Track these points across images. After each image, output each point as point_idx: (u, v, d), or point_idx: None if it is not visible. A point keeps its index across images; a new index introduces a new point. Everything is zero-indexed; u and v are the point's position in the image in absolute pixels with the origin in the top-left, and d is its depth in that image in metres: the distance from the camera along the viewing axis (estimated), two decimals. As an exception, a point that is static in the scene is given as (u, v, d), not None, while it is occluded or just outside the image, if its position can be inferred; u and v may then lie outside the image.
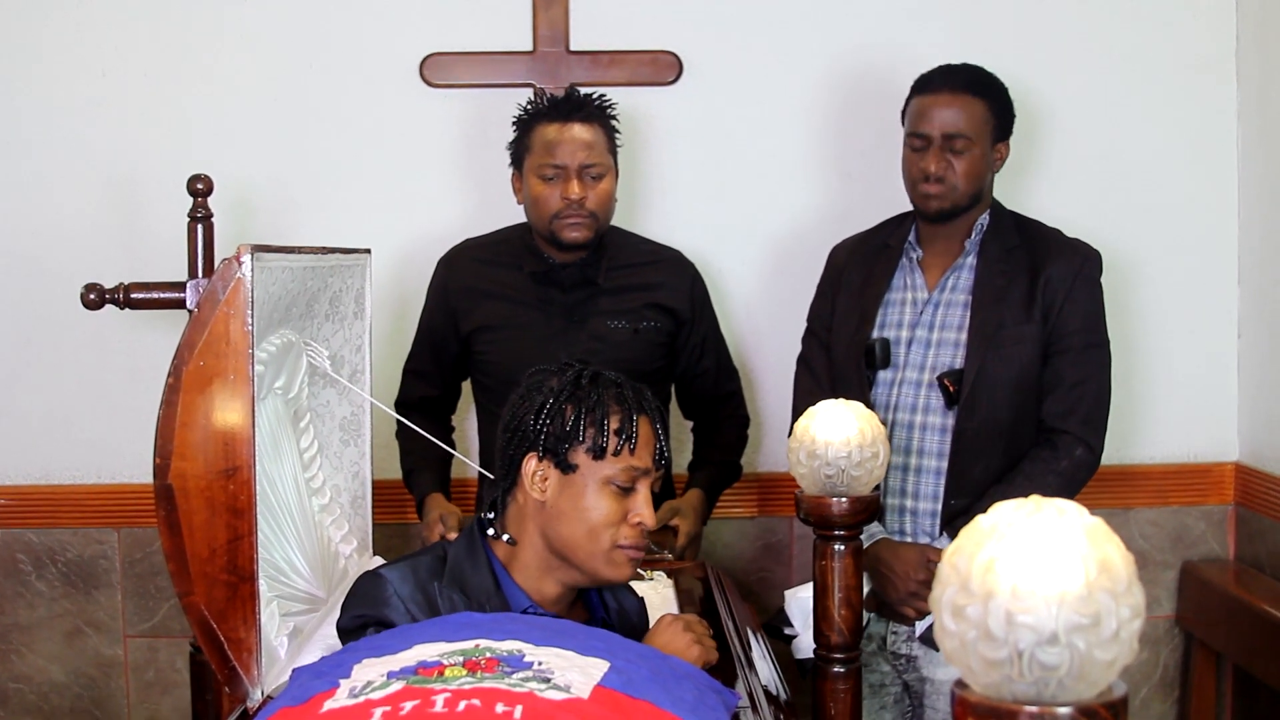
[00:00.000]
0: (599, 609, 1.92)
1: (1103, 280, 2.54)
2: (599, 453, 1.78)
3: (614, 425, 1.78)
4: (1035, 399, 2.48)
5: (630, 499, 1.80)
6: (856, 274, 2.62)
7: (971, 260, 2.52)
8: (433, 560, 1.85)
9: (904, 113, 2.57)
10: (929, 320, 2.51)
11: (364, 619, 1.77)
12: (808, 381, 2.64)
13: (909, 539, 2.47)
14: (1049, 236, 2.56)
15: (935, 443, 2.46)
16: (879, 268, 2.59)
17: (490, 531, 1.86)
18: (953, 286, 2.52)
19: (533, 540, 1.82)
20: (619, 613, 1.91)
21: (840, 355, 2.57)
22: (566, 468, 1.79)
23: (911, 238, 2.58)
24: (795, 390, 2.68)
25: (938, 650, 2.40)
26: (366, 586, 1.81)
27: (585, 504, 1.78)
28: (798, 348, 2.71)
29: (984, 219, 2.55)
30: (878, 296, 2.56)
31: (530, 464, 1.81)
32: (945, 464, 2.45)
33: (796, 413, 2.65)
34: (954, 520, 2.43)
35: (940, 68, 2.56)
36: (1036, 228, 2.58)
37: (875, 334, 2.53)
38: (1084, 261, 2.51)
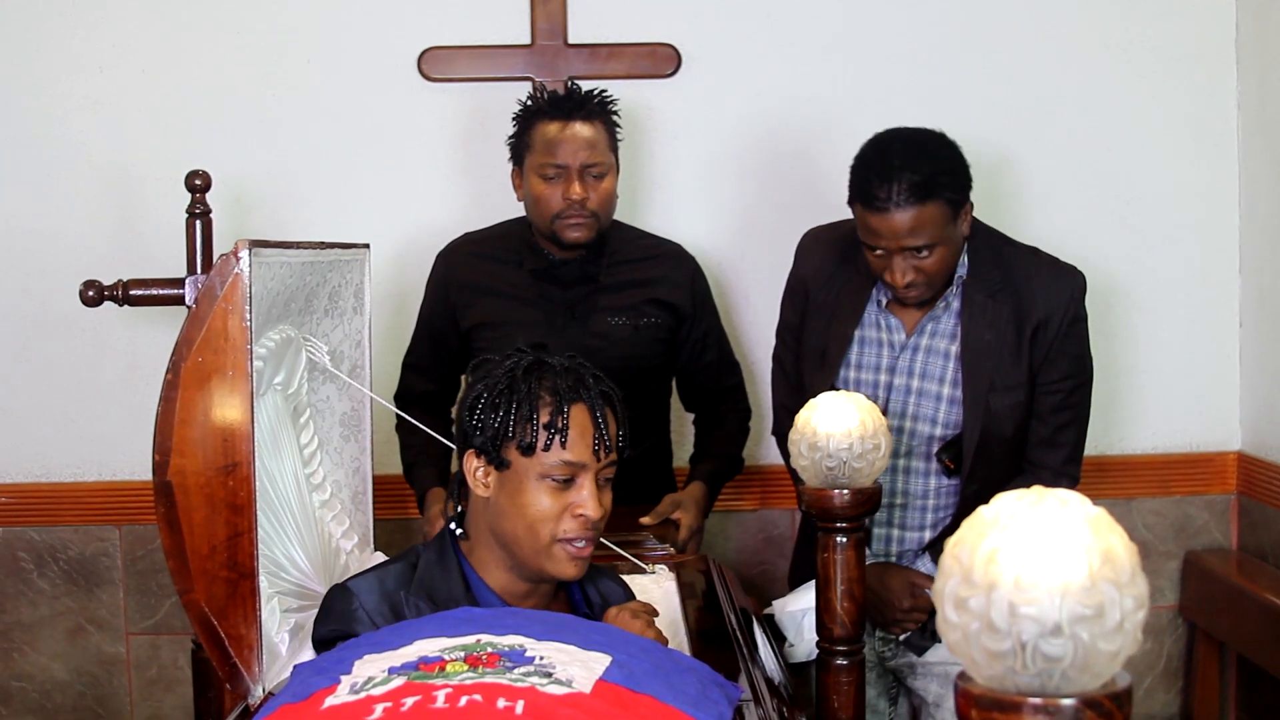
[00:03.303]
0: (581, 605, 1.91)
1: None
2: (528, 450, 1.75)
3: (543, 420, 1.76)
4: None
5: (572, 491, 1.78)
6: (826, 294, 2.46)
7: (955, 305, 2.36)
8: (403, 568, 1.84)
9: (850, 203, 2.28)
10: (907, 366, 2.39)
11: (336, 632, 1.77)
12: (782, 385, 2.61)
13: (894, 559, 2.46)
14: (1031, 272, 2.37)
15: (920, 485, 2.43)
16: (847, 299, 2.42)
17: (456, 529, 1.86)
18: (933, 332, 2.38)
19: (485, 536, 1.83)
20: (602, 607, 1.90)
21: (809, 383, 2.43)
22: (501, 464, 1.78)
23: None
24: (773, 392, 2.66)
25: (919, 656, 2.43)
26: (334, 601, 1.81)
27: (523, 500, 1.77)
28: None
29: (962, 267, 2.36)
30: (846, 336, 2.41)
31: (471, 461, 1.81)
32: (930, 501, 2.43)
33: (776, 414, 2.65)
34: (935, 544, 2.43)
35: (878, 169, 2.20)
36: (1015, 259, 2.39)
37: (845, 373, 2.40)
38: (1069, 299, 2.36)
